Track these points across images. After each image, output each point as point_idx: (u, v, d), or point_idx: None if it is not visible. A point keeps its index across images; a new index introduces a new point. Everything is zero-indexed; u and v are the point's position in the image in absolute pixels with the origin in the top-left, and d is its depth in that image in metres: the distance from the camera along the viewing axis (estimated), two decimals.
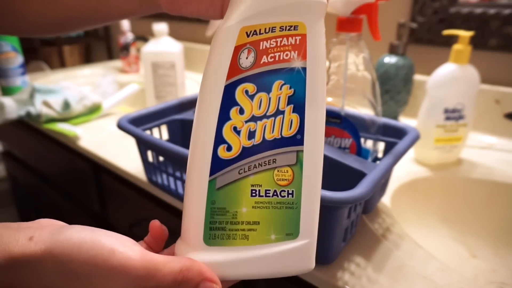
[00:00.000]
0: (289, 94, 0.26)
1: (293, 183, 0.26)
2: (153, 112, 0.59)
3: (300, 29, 0.25)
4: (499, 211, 0.59)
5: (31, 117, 0.80)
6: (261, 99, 0.26)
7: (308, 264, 0.27)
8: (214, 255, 0.26)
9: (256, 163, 0.26)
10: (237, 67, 0.25)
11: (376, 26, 0.45)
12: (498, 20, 0.73)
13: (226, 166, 0.26)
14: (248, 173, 0.26)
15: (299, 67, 0.26)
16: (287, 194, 0.26)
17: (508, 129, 0.74)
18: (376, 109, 0.50)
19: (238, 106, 0.25)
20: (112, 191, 0.76)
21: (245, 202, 0.26)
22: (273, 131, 0.26)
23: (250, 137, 0.26)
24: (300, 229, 0.27)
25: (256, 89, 0.25)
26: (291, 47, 0.25)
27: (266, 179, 0.26)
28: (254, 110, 0.26)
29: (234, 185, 0.26)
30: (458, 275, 0.40)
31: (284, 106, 0.26)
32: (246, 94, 0.25)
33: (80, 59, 1.87)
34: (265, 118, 0.26)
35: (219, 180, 0.26)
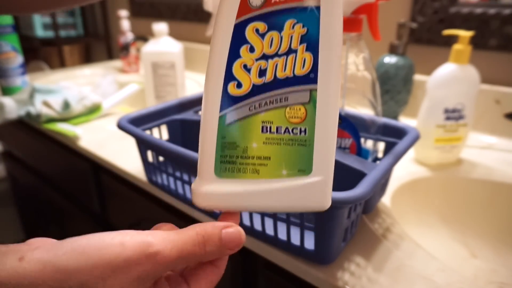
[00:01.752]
0: (302, 33, 0.26)
1: (306, 121, 0.26)
2: (153, 112, 0.59)
3: None
4: (499, 211, 0.59)
5: (31, 117, 0.80)
6: (272, 38, 0.26)
7: (323, 202, 0.27)
8: (224, 186, 0.27)
9: (267, 101, 0.26)
10: (247, 6, 0.25)
11: (376, 26, 0.45)
12: (498, 20, 0.73)
13: (236, 102, 0.26)
14: (259, 110, 0.26)
15: (312, 5, 0.25)
16: (300, 131, 0.26)
17: (508, 129, 0.74)
18: (376, 109, 0.50)
19: (248, 44, 0.26)
20: (112, 191, 0.76)
21: (256, 138, 0.26)
22: (285, 70, 0.26)
23: (260, 75, 0.26)
24: (313, 166, 0.27)
25: (267, 27, 0.26)
26: None
27: (277, 116, 0.26)
28: (265, 48, 0.26)
29: (244, 121, 0.26)
30: (458, 275, 0.40)
31: (297, 45, 0.26)
32: (256, 33, 0.26)
33: (80, 59, 1.87)
34: (276, 57, 0.26)
35: (229, 116, 0.26)
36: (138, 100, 1.02)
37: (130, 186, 0.67)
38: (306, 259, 0.41)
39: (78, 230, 0.96)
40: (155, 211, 0.64)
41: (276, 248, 0.43)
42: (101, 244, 0.21)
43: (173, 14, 1.34)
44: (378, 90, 0.50)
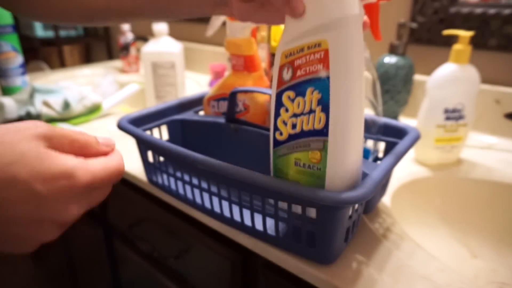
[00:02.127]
0: (318, 98, 0.34)
1: (321, 162, 0.35)
2: (153, 112, 0.59)
3: (322, 45, 0.33)
4: (499, 211, 0.59)
5: (31, 117, 0.80)
6: (299, 102, 0.35)
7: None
8: None
9: (298, 145, 0.36)
10: (281, 79, 0.36)
11: (377, 26, 0.45)
12: (498, 20, 0.73)
13: (280, 144, 0.38)
14: (293, 151, 0.37)
15: (324, 76, 0.33)
16: (316, 168, 0.36)
17: (508, 129, 0.74)
18: (376, 109, 0.50)
19: (284, 107, 0.36)
20: (112, 191, 0.76)
21: (291, 168, 0.38)
22: (308, 124, 0.35)
23: (293, 127, 0.36)
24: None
25: (295, 95, 0.35)
26: (317, 61, 0.33)
27: (303, 156, 0.36)
28: (294, 109, 0.36)
29: (285, 157, 0.38)
30: (458, 275, 0.40)
31: (315, 107, 0.34)
32: (289, 99, 0.36)
33: (80, 59, 1.87)
34: (302, 115, 0.35)
35: (277, 152, 0.39)
36: (138, 100, 1.02)
37: (130, 186, 0.67)
38: (307, 259, 0.41)
39: (78, 230, 0.95)
40: (155, 211, 0.64)
41: (276, 248, 0.43)
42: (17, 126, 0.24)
43: None
44: (379, 90, 0.50)
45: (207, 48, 1.25)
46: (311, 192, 0.35)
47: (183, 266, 0.64)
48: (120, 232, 0.80)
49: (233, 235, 0.48)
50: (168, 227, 0.64)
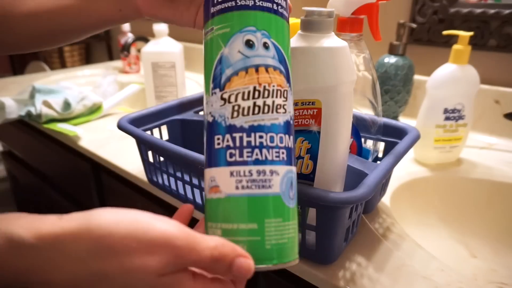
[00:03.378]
0: (308, 147, 0.37)
1: None
2: (153, 112, 0.59)
3: (316, 104, 0.35)
4: (499, 211, 0.59)
5: (32, 117, 0.80)
6: None
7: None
8: None
9: None
10: None
11: (377, 27, 0.45)
12: (498, 20, 0.73)
13: None
14: None
15: (315, 130, 0.36)
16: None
17: (508, 129, 0.75)
18: (376, 109, 0.50)
19: None
20: (112, 191, 0.76)
21: None
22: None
23: None
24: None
25: None
26: (310, 116, 0.35)
27: None
28: None
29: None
30: (458, 275, 0.40)
31: (304, 154, 0.37)
32: None
33: (80, 59, 1.88)
34: None
35: None
36: (138, 100, 1.02)
37: (130, 186, 0.67)
38: (307, 259, 0.41)
39: None
40: (155, 211, 0.64)
41: None
42: (132, 218, 0.23)
43: None
44: (379, 90, 0.50)
45: None
46: (312, 192, 0.35)
47: None
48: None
49: None
50: None
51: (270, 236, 0.26)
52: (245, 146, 0.27)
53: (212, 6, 0.29)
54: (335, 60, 0.34)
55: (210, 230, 0.28)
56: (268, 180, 0.27)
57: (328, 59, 0.34)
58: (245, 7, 0.28)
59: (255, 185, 0.26)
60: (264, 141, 0.27)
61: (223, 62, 0.28)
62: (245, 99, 0.27)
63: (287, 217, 0.27)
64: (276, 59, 0.28)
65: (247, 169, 0.27)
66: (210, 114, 0.28)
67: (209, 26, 0.29)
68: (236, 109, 0.27)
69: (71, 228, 0.22)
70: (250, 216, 0.26)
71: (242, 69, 0.27)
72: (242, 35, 0.27)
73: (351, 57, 0.36)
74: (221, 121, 0.27)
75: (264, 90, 0.27)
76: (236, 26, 0.28)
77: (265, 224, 0.26)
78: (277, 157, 0.27)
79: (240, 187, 0.27)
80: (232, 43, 0.28)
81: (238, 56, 0.27)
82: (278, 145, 0.27)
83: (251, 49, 0.27)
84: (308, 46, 0.34)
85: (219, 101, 0.27)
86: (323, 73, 0.34)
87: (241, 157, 0.27)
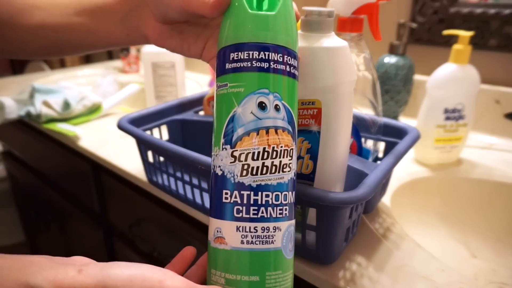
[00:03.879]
0: (308, 147, 0.36)
1: None
2: (153, 112, 0.59)
3: (316, 104, 0.35)
4: (499, 211, 0.59)
5: (31, 117, 0.80)
6: None
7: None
8: None
9: None
10: None
11: (377, 26, 0.45)
12: (498, 20, 0.73)
13: None
14: None
15: (315, 130, 0.36)
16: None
17: (508, 129, 0.74)
18: (376, 109, 0.50)
19: None
20: (112, 191, 0.76)
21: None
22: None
23: None
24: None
25: None
26: (310, 116, 0.35)
27: None
28: None
29: None
30: (458, 275, 0.40)
31: (304, 154, 0.37)
32: None
33: (80, 59, 1.87)
34: None
35: None
36: (138, 100, 1.01)
37: (130, 186, 0.67)
38: (307, 259, 0.41)
39: (78, 230, 0.96)
40: (155, 211, 0.64)
41: None
42: (145, 276, 0.24)
43: None
44: (379, 90, 0.50)
45: None
46: (312, 192, 0.35)
47: None
48: (120, 232, 0.80)
49: None
50: (168, 227, 0.64)
51: (270, 287, 0.28)
52: (252, 204, 0.28)
53: (227, 62, 0.29)
54: (335, 60, 0.34)
55: (214, 277, 0.29)
56: (271, 236, 0.28)
57: (328, 59, 0.34)
58: (260, 69, 0.28)
59: (259, 241, 0.28)
60: (270, 200, 0.28)
61: (236, 121, 0.29)
62: (255, 160, 0.28)
63: (286, 268, 0.29)
64: (285, 120, 0.29)
65: (253, 226, 0.28)
66: (219, 168, 0.29)
67: (224, 81, 0.29)
68: (245, 168, 0.28)
69: (91, 284, 0.23)
70: (252, 269, 0.28)
71: (253, 130, 0.28)
72: (256, 97, 0.28)
73: (351, 57, 0.35)
74: (230, 177, 0.28)
75: (273, 151, 0.28)
76: (250, 88, 0.28)
77: (266, 277, 0.28)
78: (280, 214, 0.29)
79: (245, 242, 0.28)
80: (245, 104, 0.28)
81: (251, 117, 0.28)
82: (282, 202, 0.29)
83: (263, 111, 0.28)
84: (308, 46, 0.34)
85: (229, 158, 0.28)
86: (323, 73, 0.34)
87: (248, 214, 0.28)
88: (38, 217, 1.15)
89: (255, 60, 0.28)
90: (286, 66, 0.29)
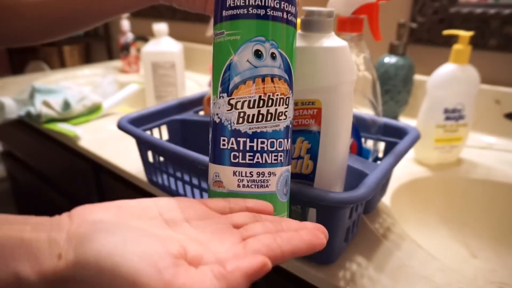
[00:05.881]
0: (308, 147, 0.36)
1: None
2: (153, 112, 0.59)
3: (316, 104, 0.35)
4: (499, 211, 0.59)
5: (31, 117, 0.80)
6: None
7: None
8: None
9: None
10: None
11: (377, 26, 0.45)
12: (498, 20, 0.73)
13: None
14: None
15: (315, 130, 0.36)
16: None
17: (508, 129, 0.74)
18: (376, 109, 0.50)
19: None
20: (112, 191, 0.76)
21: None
22: (296, 168, 0.37)
23: None
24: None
25: None
26: (310, 116, 0.35)
27: None
28: None
29: None
30: (458, 275, 0.40)
31: (304, 154, 0.37)
32: None
33: (80, 59, 1.87)
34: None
35: None
36: (138, 100, 1.01)
37: (130, 186, 0.67)
38: (307, 259, 0.41)
39: None
40: None
41: None
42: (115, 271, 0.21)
43: (173, 14, 1.34)
44: (379, 90, 0.50)
45: (207, 48, 1.25)
46: (312, 192, 0.35)
47: None
48: None
49: None
50: None
51: None
52: (248, 150, 0.29)
53: (224, 9, 0.29)
54: (335, 60, 0.34)
55: None
56: (266, 181, 0.30)
57: (328, 59, 0.34)
58: (256, 16, 0.28)
59: (254, 185, 0.29)
60: (265, 146, 0.29)
61: (232, 69, 0.29)
62: (251, 107, 0.29)
63: (280, 210, 0.31)
64: (282, 69, 0.29)
65: (249, 171, 0.29)
66: (217, 116, 0.30)
67: (220, 28, 0.29)
68: (241, 115, 0.29)
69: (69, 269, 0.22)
70: None
71: (249, 78, 0.29)
72: (252, 45, 0.28)
73: (351, 57, 0.36)
74: (227, 124, 0.29)
75: (269, 99, 0.29)
76: (246, 35, 0.28)
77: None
78: (275, 160, 0.30)
79: (242, 185, 0.29)
80: (241, 52, 0.28)
81: (247, 65, 0.28)
82: (277, 149, 0.30)
83: (259, 59, 0.29)
84: (308, 46, 0.34)
85: (226, 106, 0.29)
86: (323, 73, 0.34)
87: (244, 159, 0.29)
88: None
89: (251, 6, 0.28)
90: (284, 13, 0.29)
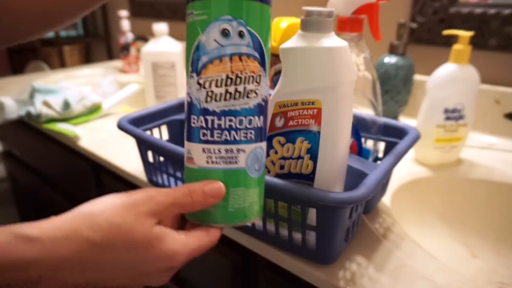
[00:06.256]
0: (308, 147, 0.37)
1: None
2: (153, 112, 0.59)
3: (316, 104, 0.35)
4: (499, 211, 0.59)
5: (31, 117, 0.80)
6: (288, 147, 0.38)
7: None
8: None
9: None
10: (274, 126, 0.38)
11: (377, 26, 0.45)
12: (498, 20, 0.73)
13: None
14: None
15: (315, 130, 0.36)
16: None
17: (508, 129, 0.74)
18: (376, 109, 0.50)
19: (274, 149, 0.39)
20: (112, 191, 0.76)
21: (280, 204, 0.40)
22: (296, 168, 0.38)
23: (281, 168, 0.39)
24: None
25: (285, 140, 0.38)
26: (310, 116, 0.36)
27: None
28: (284, 153, 0.38)
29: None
30: (458, 275, 0.40)
31: (304, 154, 0.37)
32: (279, 143, 0.38)
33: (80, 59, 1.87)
34: (291, 159, 0.38)
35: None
36: (138, 100, 1.02)
37: (130, 186, 0.67)
38: (307, 259, 0.41)
39: None
40: None
41: (277, 248, 0.43)
42: (116, 195, 0.29)
43: (173, 14, 1.34)
44: (379, 90, 0.50)
45: None
46: (312, 192, 0.35)
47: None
48: None
49: (234, 235, 0.48)
50: None
51: (234, 201, 0.31)
52: (216, 128, 0.30)
53: None
54: (335, 60, 0.34)
55: None
56: (235, 157, 0.31)
57: (328, 59, 0.34)
58: None
59: (223, 161, 0.31)
60: (233, 124, 0.30)
61: (200, 49, 0.29)
62: (218, 86, 0.29)
63: (250, 185, 0.32)
64: (250, 47, 0.29)
65: (217, 148, 0.30)
66: (188, 95, 0.31)
67: (190, 9, 0.30)
68: (209, 94, 0.30)
69: (66, 220, 0.28)
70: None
71: (216, 57, 0.29)
72: (219, 24, 0.29)
73: (351, 57, 0.35)
74: (197, 103, 0.30)
75: (237, 77, 0.29)
76: (213, 14, 0.29)
77: (230, 192, 0.31)
78: (245, 137, 0.31)
79: (210, 162, 0.31)
80: (209, 32, 0.29)
81: (214, 44, 0.29)
82: (246, 126, 0.30)
83: (226, 38, 0.29)
84: (308, 46, 0.34)
85: (196, 85, 0.30)
86: (323, 73, 0.34)
87: (212, 137, 0.30)
88: (38, 217, 1.15)
89: None
90: None
